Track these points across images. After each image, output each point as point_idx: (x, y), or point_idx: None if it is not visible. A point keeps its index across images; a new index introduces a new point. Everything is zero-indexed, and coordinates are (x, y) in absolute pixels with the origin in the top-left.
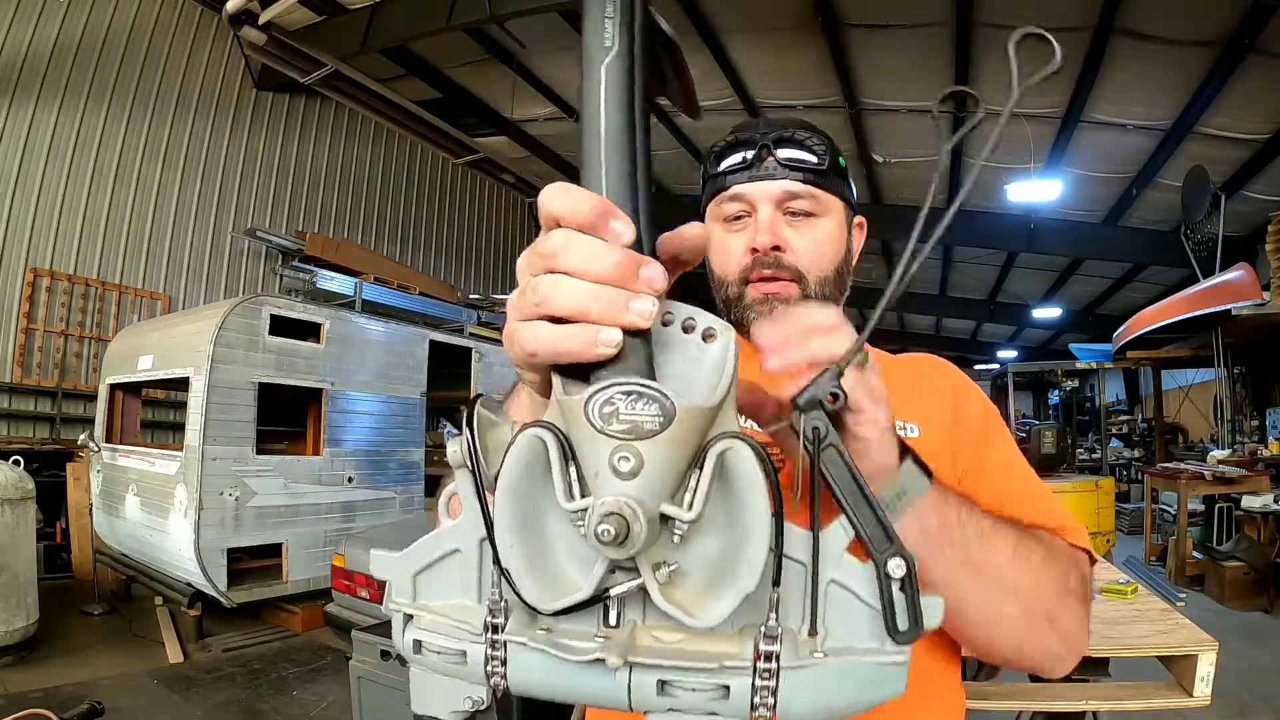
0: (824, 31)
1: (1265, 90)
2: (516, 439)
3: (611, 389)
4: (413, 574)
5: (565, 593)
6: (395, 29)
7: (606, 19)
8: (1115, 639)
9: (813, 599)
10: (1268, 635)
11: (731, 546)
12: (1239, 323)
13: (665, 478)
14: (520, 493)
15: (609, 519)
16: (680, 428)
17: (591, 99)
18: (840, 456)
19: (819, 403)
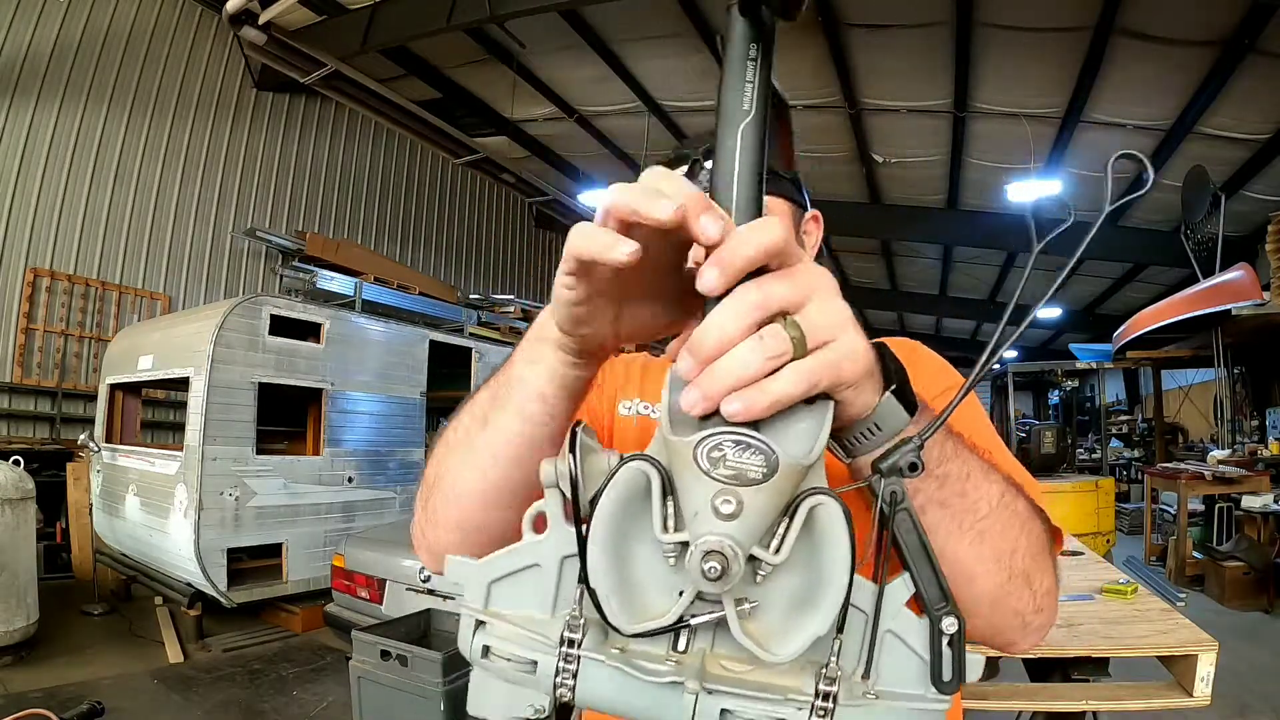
0: (824, 31)
1: (1265, 90)
2: (622, 469)
3: (722, 436)
4: (488, 581)
5: (648, 617)
6: (395, 29)
7: (747, 84)
8: (1115, 639)
9: (870, 645)
10: (1268, 635)
11: (807, 591)
12: (1239, 323)
13: (760, 523)
14: (616, 519)
15: (713, 556)
16: (781, 480)
17: (727, 159)
18: (911, 520)
19: (899, 470)
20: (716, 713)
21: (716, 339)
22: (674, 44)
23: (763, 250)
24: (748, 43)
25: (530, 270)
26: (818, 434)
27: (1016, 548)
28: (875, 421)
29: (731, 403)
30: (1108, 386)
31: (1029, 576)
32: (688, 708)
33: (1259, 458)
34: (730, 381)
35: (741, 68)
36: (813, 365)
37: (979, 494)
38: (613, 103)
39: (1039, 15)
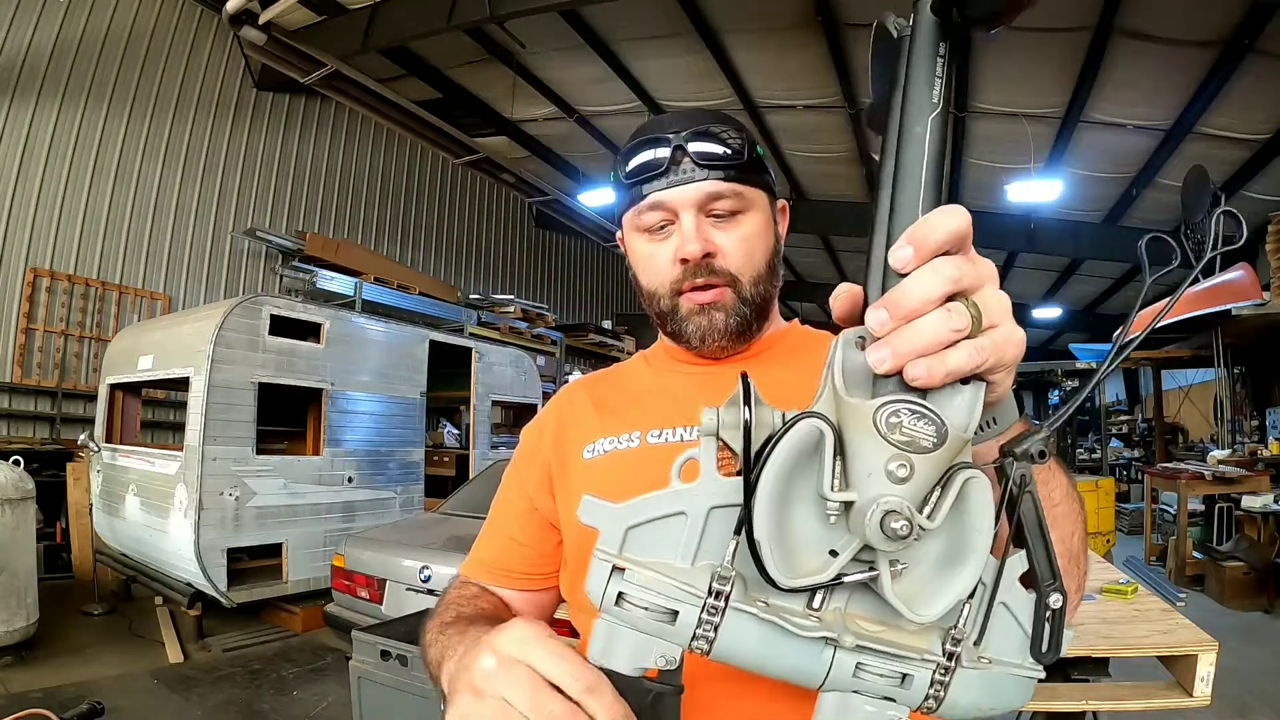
0: (824, 31)
1: (1265, 90)
2: (798, 423)
3: (901, 404)
4: (627, 526)
5: (805, 573)
6: (395, 29)
7: (936, 78)
8: (1115, 639)
9: (986, 613)
10: (1268, 635)
11: (950, 556)
12: (1239, 323)
13: (923, 490)
14: (784, 474)
15: (896, 516)
16: (947, 450)
17: (915, 148)
18: (1034, 502)
19: (1029, 455)
20: (850, 668)
21: (918, 300)
22: (674, 44)
23: (953, 235)
24: (938, 40)
25: (530, 270)
26: (974, 410)
27: (1075, 531)
28: (993, 415)
29: (917, 366)
30: (1108, 386)
31: (1078, 558)
32: (826, 662)
33: (1259, 458)
34: (920, 345)
35: (931, 62)
36: (985, 344)
37: (1055, 483)
38: (613, 103)
39: (1039, 15)
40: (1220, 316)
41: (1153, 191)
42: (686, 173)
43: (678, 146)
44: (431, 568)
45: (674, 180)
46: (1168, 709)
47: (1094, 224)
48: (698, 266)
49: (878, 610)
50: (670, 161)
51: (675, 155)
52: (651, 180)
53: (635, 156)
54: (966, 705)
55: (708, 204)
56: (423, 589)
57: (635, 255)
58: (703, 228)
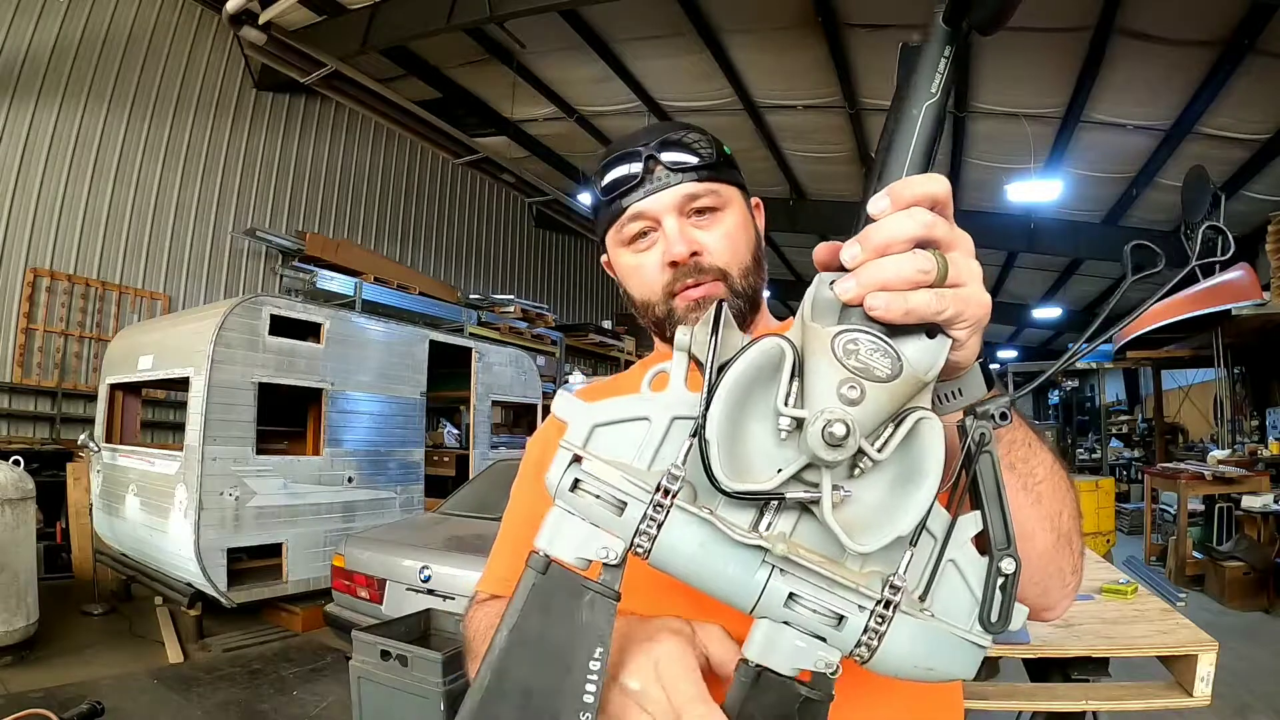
0: (824, 31)
1: (1265, 90)
2: (760, 340)
3: (862, 334)
4: (592, 425)
5: (751, 480)
6: (395, 29)
7: (937, 74)
8: (1115, 639)
9: (934, 568)
10: (1268, 635)
11: (896, 494)
12: (1239, 323)
13: (874, 418)
14: (743, 385)
15: (837, 424)
16: (901, 384)
17: (908, 126)
18: (993, 462)
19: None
20: (784, 594)
21: (887, 236)
22: (674, 44)
23: (929, 194)
24: (944, 44)
25: (530, 270)
26: (935, 359)
27: (1063, 510)
28: (959, 385)
29: (878, 297)
30: (1108, 386)
31: (1070, 538)
32: (760, 583)
33: (1259, 458)
34: (883, 278)
35: (936, 59)
36: (948, 294)
37: (1037, 460)
38: (613, 103)
39: (1039, 15)
40: (1220, 316)
41: (1153, 191)
42: (661, 180)
43: (649, 156)
44: (431, 568)
45: (650, 189)
46: (1168, 709)
47: (1094, 224)
48: (687, 267)
49: (822, 545)
50: (644, 172)
51: (648, 165)
52: (629, 193)
53: (609, 173)
54: (900, 658)
55: (686, 205)
56: (423, 589)
57: (623, 270)
58: (686, 229)
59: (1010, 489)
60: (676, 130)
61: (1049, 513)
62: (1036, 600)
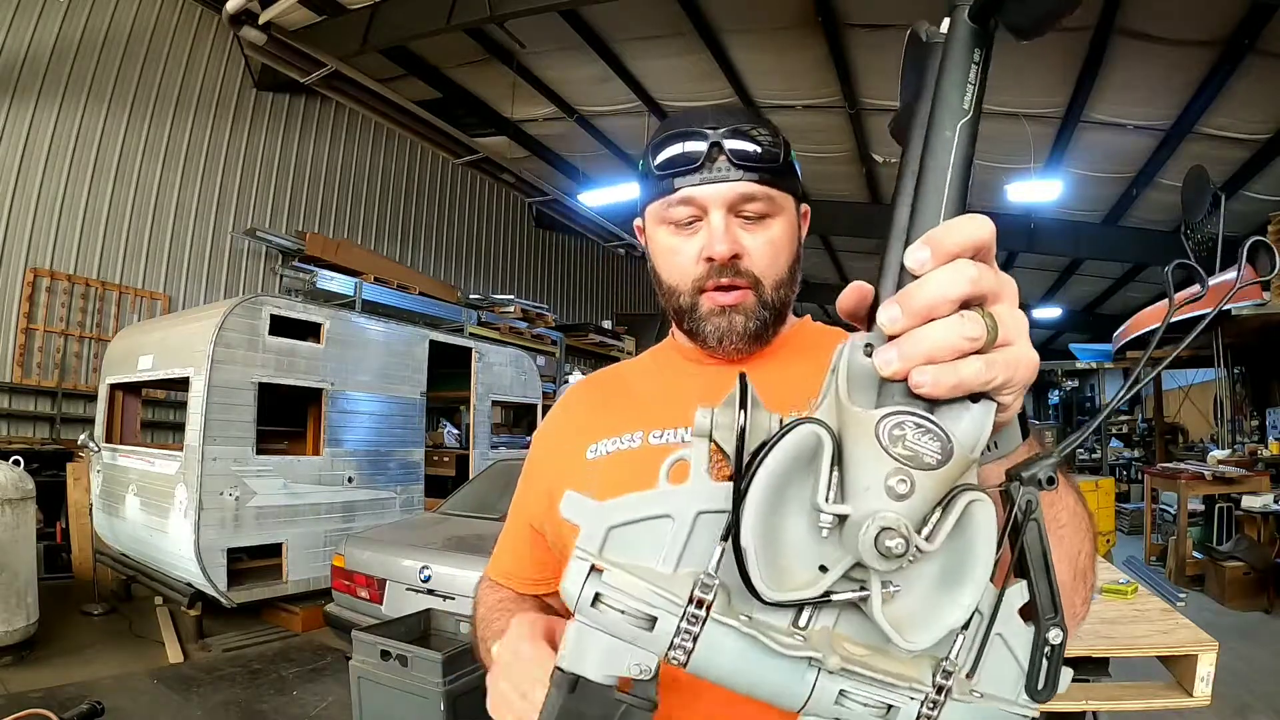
0: (824, 31)
1: (1265, 90)
2: (796, 427)
3: (907, 416)
4: (608, 526)
5: (793, 587)
6: (395, 29)
7: (969, 85)
8: (1115, 639)
9: (981, 645)
10: (1268, 635)
11: (947, 582)
12: (1239, 323)
13: (924, 509)
14: (777, 480)
15: (891, 534)
16: (951, 469)
17: (941, 154)
18: (1039, 530)
19: (1038, 481)
20: (834, 693)
21: (930, 298)
22: (674, 44)
23: (974, 241)
24: (973, 47)
25: (530, 270)
26: (982, 430)
27: (1082, 549)
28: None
29: (924, 373)
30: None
31: (1086, 574)
32: (808, 685)
33: (1259, 458)
34: (929, 350)
35: (965, 67)
36: (998, 360)
37: (1062, 504)
38: (613, 103)
39: None
40: (1220, 316)
41: (1153, 191)
42: (721, 171)
43: (714, 143)
44: (431, 568)
45: (707, 177)
46: (1168, 709)
47: (1094, 224)
48: (723, 266)
49: (867, 634)
50: (705, 158)
51: (711, 152)
52: (684, 174)
53: (668, 148)
54: None
55: (739, 205)
56: (423, 589)
57: (657, 247)
58: (732, 228)
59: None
60: (748, 121)
61: (1069, 554)
62: None
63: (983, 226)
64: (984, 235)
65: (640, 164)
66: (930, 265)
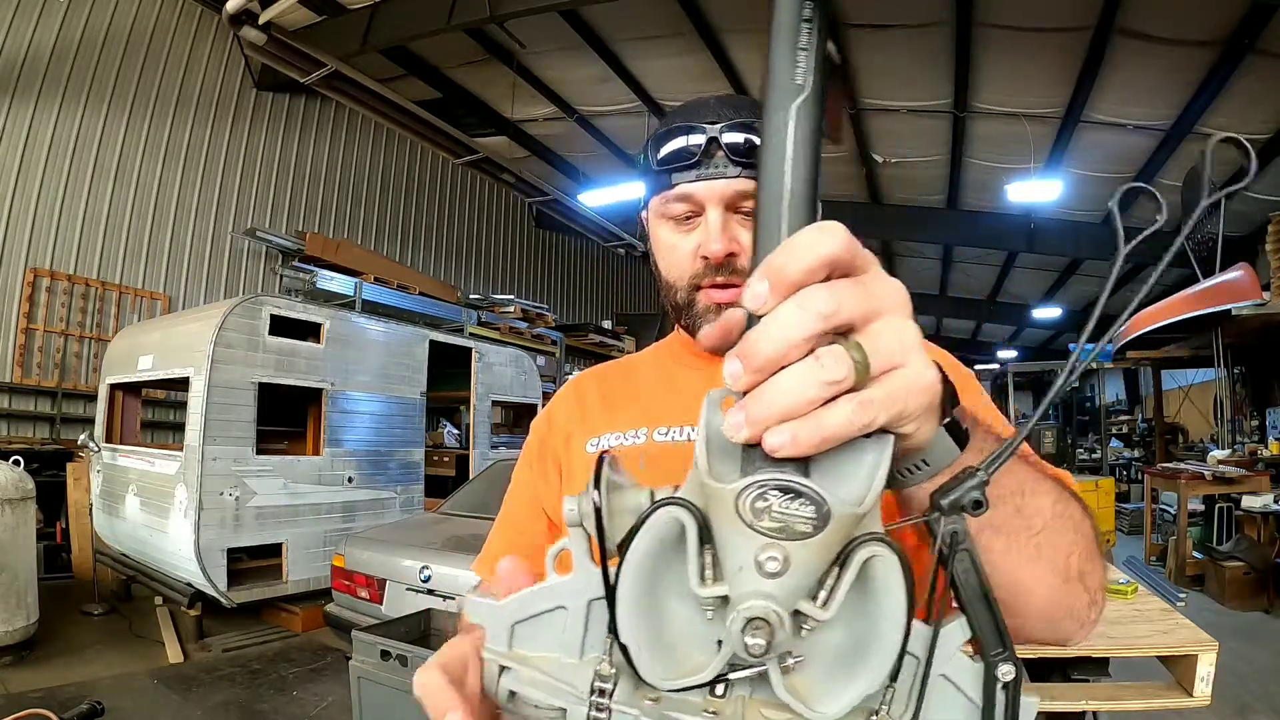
0: None
1: (1265, 90)
2: (655, 515)
3: (768, 484)
4: (511, 623)
5: (683, 671)
6: (395, 29)
7: (800, 51)
8: (1115, 639)
9: (920, 692)
10: (1268, 635)
11: (858, 644)
12: (1239, 323)
13: (808, 579)
14: (646, 566)
15: (757, 626)
16: (832, 532)
17: (778, 147)
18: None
19: (961, 507)
20: None
21: (773, 348)
22: (674, 44)
23: (822, 260)
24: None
25: (530, 270)
26: (874, 476)
27: (1071, 551)
28: (924, 456)
29: (778, 434)
30: (1108, 386)
31: (1083, 576)
32: None
33: (1259, 458)
34: (781, 407)
35: (793, 32)
36: (876, 397)
37: (1033, 508)
38: (613, 103)
39: (1039, 15)
40: (1220, 316)
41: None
42: (718, 166)
43: (712, 139)
44: (431, 568)
45: (704, 173)
46: (1168, 709)
47: (1094, 224)
48: (719, 265)
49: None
50: (703, 153)
51: (709, 147)
52: (682, 170)
53: (668, 143)
54: None
55: (736, 202)
56: (422, 589)
57: (658, 243)
58: (729, 226)
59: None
60: (747, 113)
61: (1051, 562)
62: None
63: (832, 236)
64: (834, 248)
65: (642, 158)
66: (771, 302)
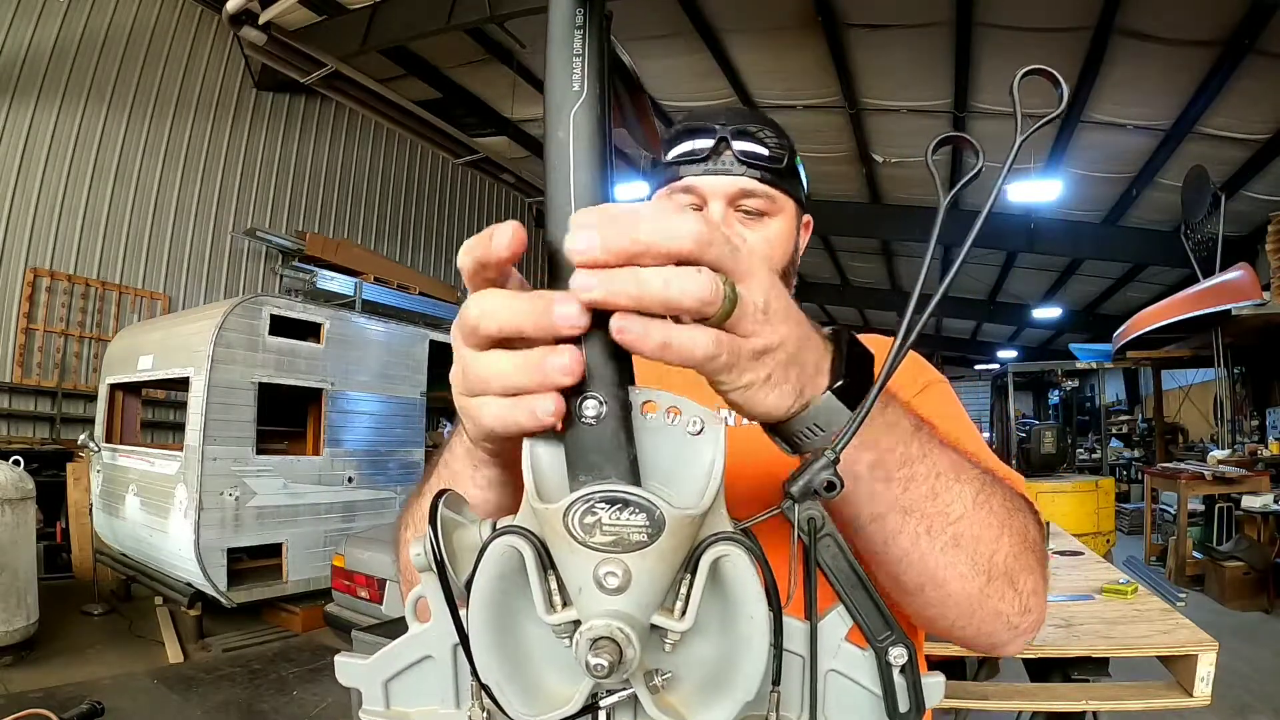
0: (824, 31)
1: (1265, 90)
2: (490, 549)
3: (593, 497)
4: (383, 681)
5: (552, 705)
6: (395, 29)
7: (574, 59)
8: (1115, 639)
9: (812, 692)
10: (1268, 635)
11: (727, 650)
12: (1239, 323)
13: (655, 590)
14: (495, 603)
15: (601, 648)
16: (671, 538)
17: (559, 154)
18: (837, 545)
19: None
20: None
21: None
22: (674, 44)
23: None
24: (573, 7)
25: (530, 271)
26: (710, 474)
27: (997, 549)
28: (815, 421)
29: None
30: (1108, 386)
31: (1012, 577)
32: None
33: (1259, 458)
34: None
35: (566, 39)
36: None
37: (951, 494)
38: None
39: (1039, 15)
40: (1220, 316)
41: (1153, 191)
42: (725, 164)
43: (721, 138)
44: None
45: (711, 169)
46: (1168, 709)
47: (1094, 224)
48: None
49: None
50: (711, 151)
51: (718, 146)
52: (690, 164)
53: (679, 142)
54: None
55: (739, 199)
56: None
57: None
58: (729, 220)
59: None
60: (756, 122)
61: (971, 554)
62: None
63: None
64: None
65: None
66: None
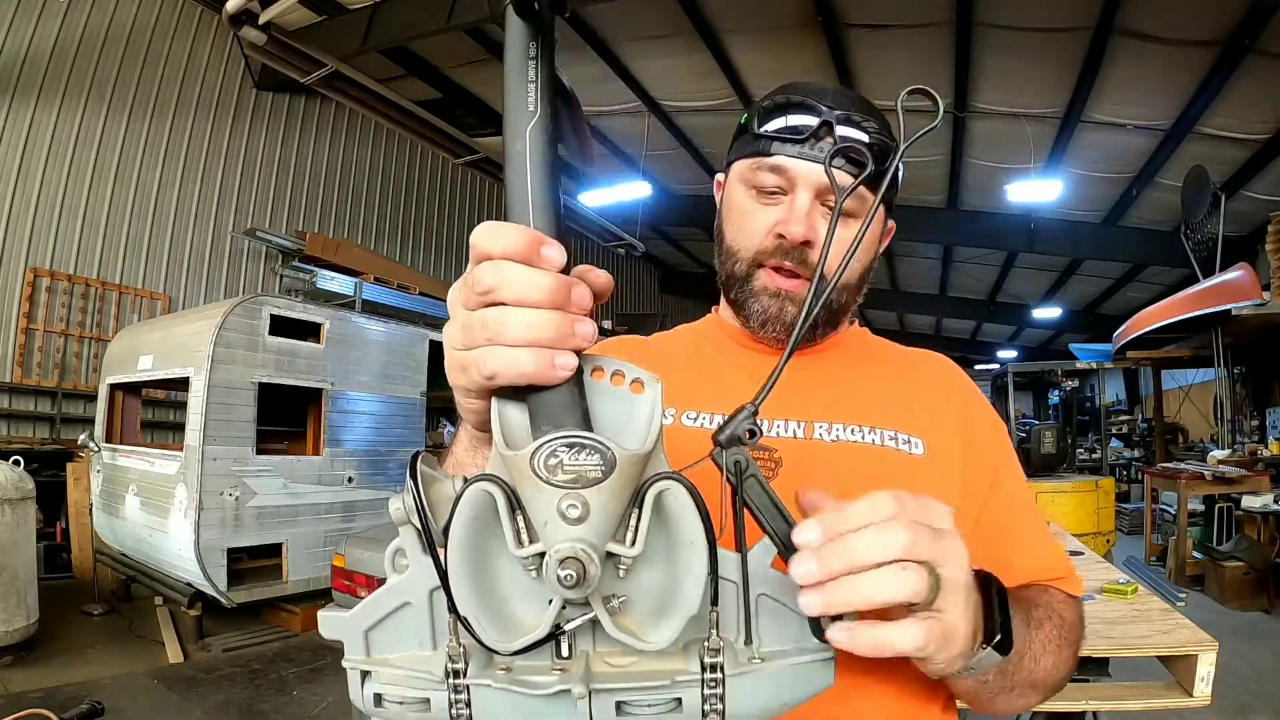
0: (824, 31)
1: (1265, 90)
2: (465, 493)
3: (554, 442)
4: (364, 631)
5: (522, 633)
6: (395, 29)
7: (529, 84)
8: (1115, 639)
9: (745, 612)
10: (1268, 635)
11: (672, 575)
12: (1239, 323)
13: (610, 520)
14: (470, 543)
15: (568, 564)
16: (621, 475)
17: (518, 163)
18: (759, 484)
19: (738, 439)
20: (613, 709)
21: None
22: (674, 44)
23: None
24: (527, 40)
25: None
26: (650, 424)
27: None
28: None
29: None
30: (1108, 386)
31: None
32: (583, 712)
33: (1259, 458)
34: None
35: (523, 67)
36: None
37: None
38: (613, 103)
39: (1039, 15)
40: (1220, 316)
41: (1153, 191)
42: (822, 152)
43: (825, 122)
44: None
45: (806, 153)
46: (1168, 709)
47: (1094, 224)
48: (792, 249)
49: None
50: (811, 133)
51: (819, 130)
52: (784, 143)
53: (778, 115)
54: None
55: (828, 192)
56: None
57: (731, 206)
58: (814, 213)
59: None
60: (864, 112)
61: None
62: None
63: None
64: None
65: (743, 119)
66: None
